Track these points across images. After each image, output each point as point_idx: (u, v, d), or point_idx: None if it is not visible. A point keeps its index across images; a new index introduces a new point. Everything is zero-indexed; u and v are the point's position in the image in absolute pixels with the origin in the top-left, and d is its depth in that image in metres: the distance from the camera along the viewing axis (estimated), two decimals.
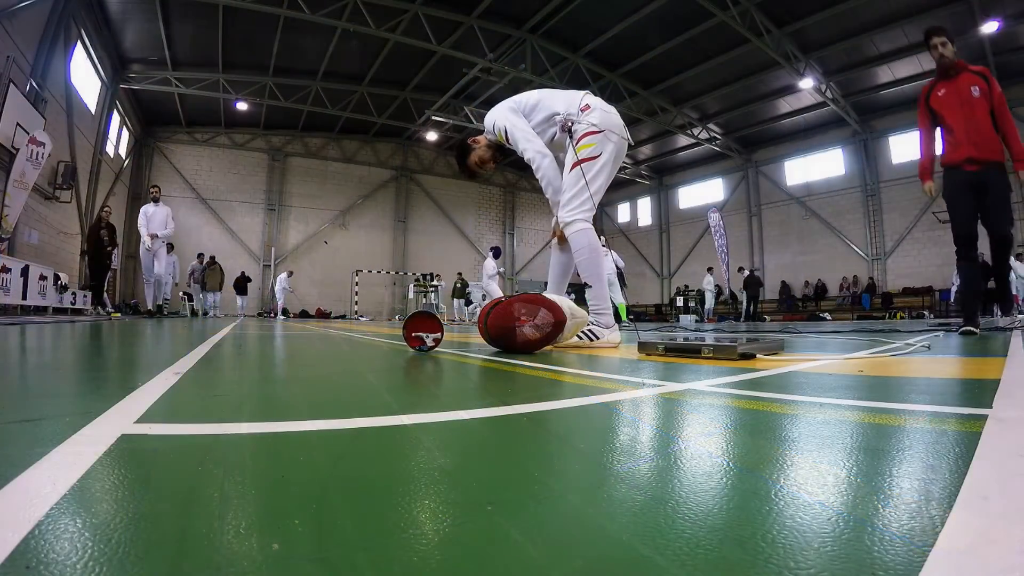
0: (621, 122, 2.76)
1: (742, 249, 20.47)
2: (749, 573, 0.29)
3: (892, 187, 16.95)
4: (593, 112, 2.69)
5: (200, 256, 15.26)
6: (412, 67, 15.91)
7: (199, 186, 19.83)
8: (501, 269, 12.19)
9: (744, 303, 15.72)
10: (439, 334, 2.19)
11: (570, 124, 2.69)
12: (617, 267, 10.17)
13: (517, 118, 2.76)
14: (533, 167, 2.72)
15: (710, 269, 17.04)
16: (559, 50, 14.21)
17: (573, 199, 2.64)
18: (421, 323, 2.20)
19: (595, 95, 2.82)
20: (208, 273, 14.61)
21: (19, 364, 1.56)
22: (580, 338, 2.54)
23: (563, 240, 2.85)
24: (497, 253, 12.08)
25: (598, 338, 2.59)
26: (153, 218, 9.15)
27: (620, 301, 10.60)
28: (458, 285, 16.85)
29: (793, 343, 2.79)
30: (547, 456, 0.59)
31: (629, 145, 2.86)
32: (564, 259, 2.95)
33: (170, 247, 12.33)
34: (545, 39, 13.98)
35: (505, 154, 2.97)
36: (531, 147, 2.71)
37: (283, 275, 17.00)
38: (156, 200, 9.28)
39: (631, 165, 23.03)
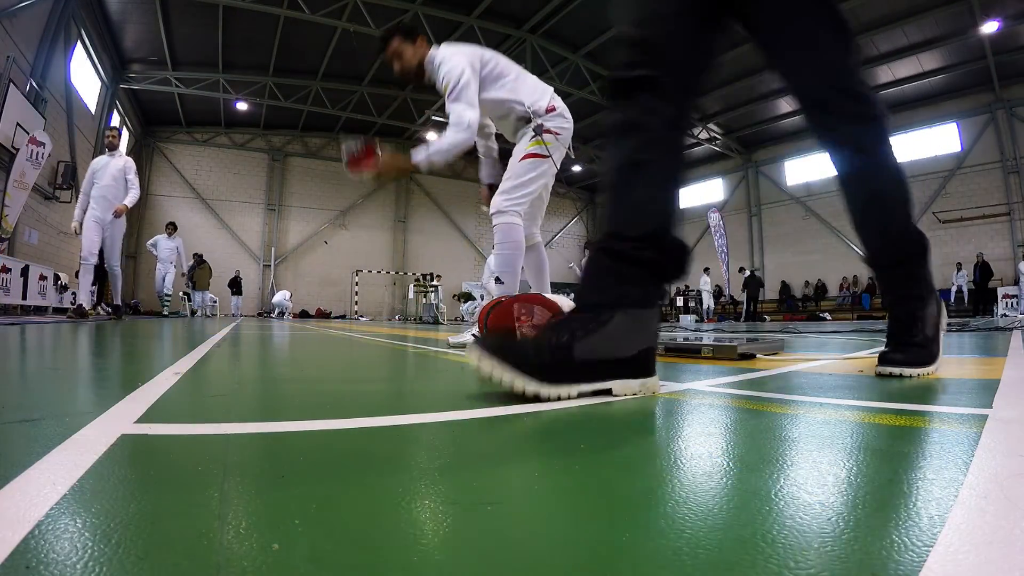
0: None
1: (742, 249, 20.47)
2: (749, 573, 0.29)
3: None
4: (556, 117, 2.60)
5: (195, 255, 15.24)
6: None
7: (199, 186, 19.83)
8: None
9: (744, 303, 15.73)
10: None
11: (534, 119, 2.57)
12: None
13: (472, 79, 2.45)
14: (451, 131, 2.39)
15: (706, 269, 17.04)
16: (559, 50, 14.21)
17: (516, 189, 2.55)
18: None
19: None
20: (197, 272, 14.37)
21: (19, 364, 1.56)
22: (476, 337, 2.47)
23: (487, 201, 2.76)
24: None
25: None
26: (103, 173, 6.07)
27: None
28: (460, 294, 16.84)
29: (793, 343, 2.79)
30: (547, 456, 0.59)
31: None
32: (534, 258, 2.87)
33: (173, 227, 10.65)
34: (545, 39, 13.98)
35: (403, 71, 2.64)
36: (462, 113, 2.38)
37: (286, 292, 17.11)
38: (112, 148, 6.25)
39: None
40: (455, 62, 2.46)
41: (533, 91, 2.63)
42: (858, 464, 0.53)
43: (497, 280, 2.63)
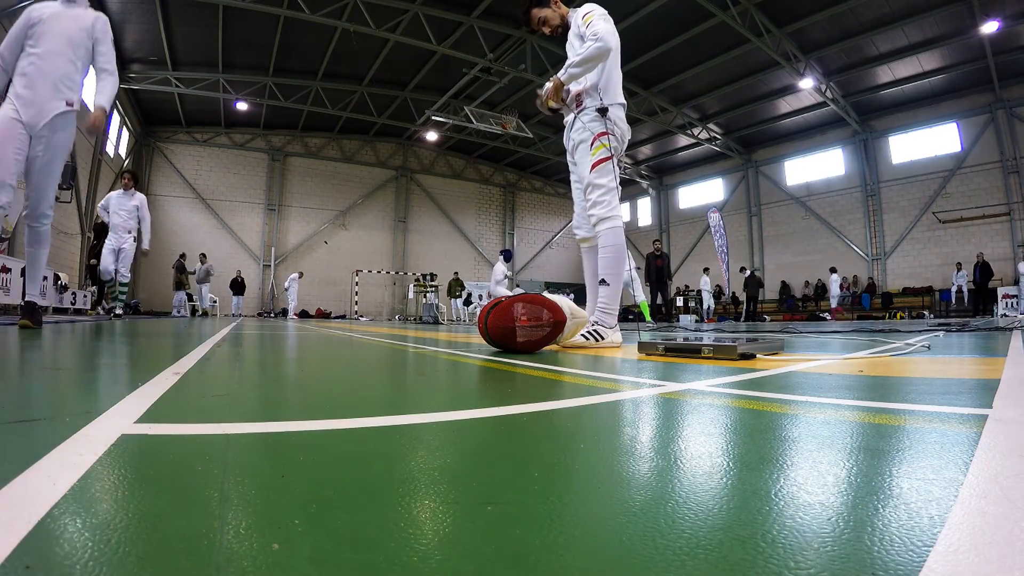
0: None
1: (742, 249, 20.47)
2: (749, 573, 0.29)
3: (892, 187, 16.96)
4: (616, 120, 2.77)
5: (202, 256, 15.21)
6: (412, 67, 15.91)
7: (199, 186, 19.83)
8: (509, 273, 11.58)
9: (744, 303, 15.72)
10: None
11: (604, 107, 2.75)
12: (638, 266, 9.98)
13: (612, 26, 2.73)
14: (589, 46, 2.61)
15: (706, 270, 17.05)
16: (559, 50, 14.20)
17: (608, 195, 2.72)
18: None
19: None
20: (175, 273, 14.21)
21: (19, 364, 1.56)
22: (586, 338, 2.55)
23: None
24: (508, 256, 11.16)
25: (603, 338, 2.59)
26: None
27: (642, 299, 10.17)
28: (457, 287, 16.84)
29: (793, 343, 2.79)
30: (547, 456, 0.59)
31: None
32: (595, 261, 2.95)
33: (131, 178, 7.62)
34: (545, 39, 13.96)
35: (552, 30, 2.96)
36: (598, 29, 2.60)
37: (294, 275, 16.93)
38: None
39: (631, 165, 23.02)
40: (602, 10, 2.75)
41: (613, 87, 2.81)
42: (858, 464, 0.53)
43: (603, 282, 2.75)
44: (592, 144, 2.72)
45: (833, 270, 16.18)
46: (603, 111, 2.71)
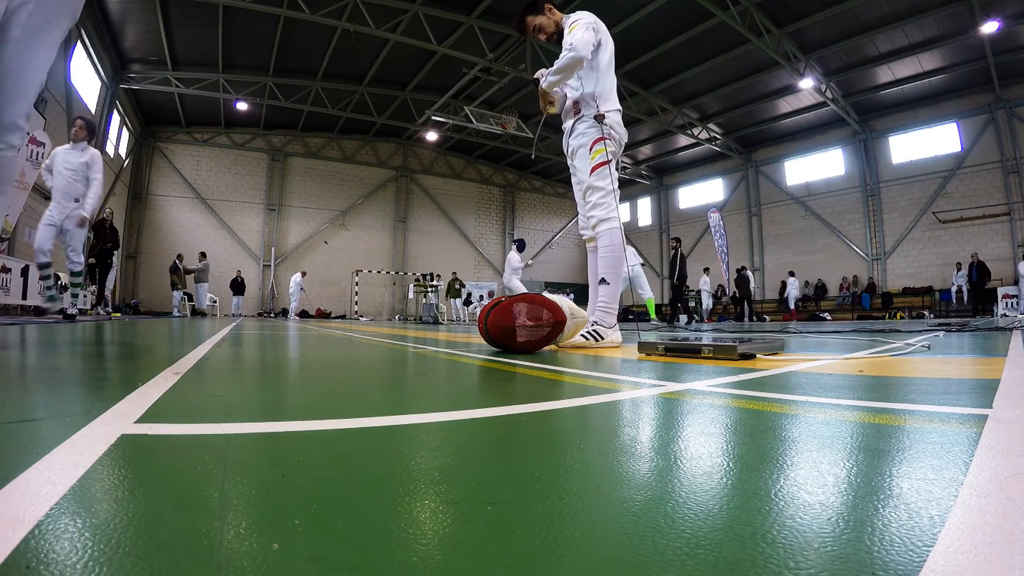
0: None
1: (742, 249, 20.46)
2: (749, 573, 0.29)
3: (892, 187, 16.95)
4: (613, 124, 2.79)
5: (201, 254, 15.20)
6: (412, 67, 15.90)
7: (199, 186, 19.83)
8: (530, 262, 11.15)
9: (742, 303, 15.64)
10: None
11: (590, 111, 2.77)
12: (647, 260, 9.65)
13: (594, 29, 2.76)
14: (564, 56, 2.68)
15: (706, 270, 17.03)
16: (559, 50, 14.19)
17: (607, 197, 2.76)
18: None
19: None
20: (178, 275, 14.20)
21: (19, 364, 1.56)
22: (585, 338, 2.55)
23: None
24: (521, 246, 10.84)
25: (603, 338, 2.60)
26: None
27: (649, 296, 9.89)
28: (456, 286, 16.85)
29: (793, 343, 2.79)
30: (547, 456, 0.59)
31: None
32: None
33: (85, 129, 5.60)
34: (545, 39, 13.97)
35: (548, 37, 2.99)
36: (574, 39, 2.65)
37: (297, 275, 16.88)
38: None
39: (631, 165, 23.02)
40: (590, 18, 2.80)
41: (608, 93, 2.82)
42: (858, 464, 0.53)
43: (602, 281, 2.78)
44: (591, 148, 2.76)
45: (791, 273, 16.85)
46: (600, 118, 2.74)
